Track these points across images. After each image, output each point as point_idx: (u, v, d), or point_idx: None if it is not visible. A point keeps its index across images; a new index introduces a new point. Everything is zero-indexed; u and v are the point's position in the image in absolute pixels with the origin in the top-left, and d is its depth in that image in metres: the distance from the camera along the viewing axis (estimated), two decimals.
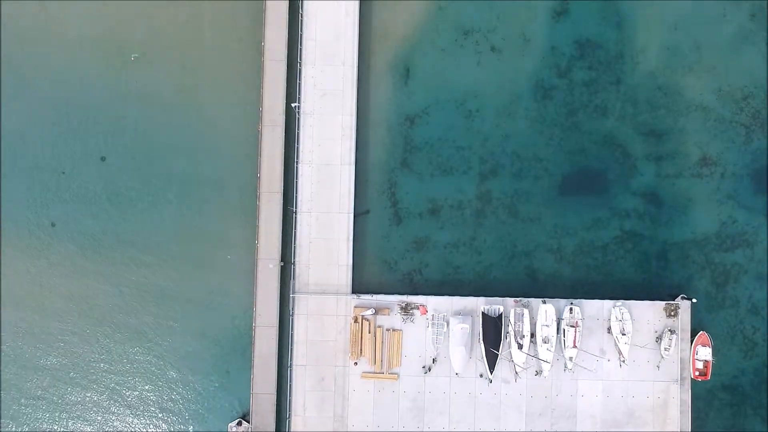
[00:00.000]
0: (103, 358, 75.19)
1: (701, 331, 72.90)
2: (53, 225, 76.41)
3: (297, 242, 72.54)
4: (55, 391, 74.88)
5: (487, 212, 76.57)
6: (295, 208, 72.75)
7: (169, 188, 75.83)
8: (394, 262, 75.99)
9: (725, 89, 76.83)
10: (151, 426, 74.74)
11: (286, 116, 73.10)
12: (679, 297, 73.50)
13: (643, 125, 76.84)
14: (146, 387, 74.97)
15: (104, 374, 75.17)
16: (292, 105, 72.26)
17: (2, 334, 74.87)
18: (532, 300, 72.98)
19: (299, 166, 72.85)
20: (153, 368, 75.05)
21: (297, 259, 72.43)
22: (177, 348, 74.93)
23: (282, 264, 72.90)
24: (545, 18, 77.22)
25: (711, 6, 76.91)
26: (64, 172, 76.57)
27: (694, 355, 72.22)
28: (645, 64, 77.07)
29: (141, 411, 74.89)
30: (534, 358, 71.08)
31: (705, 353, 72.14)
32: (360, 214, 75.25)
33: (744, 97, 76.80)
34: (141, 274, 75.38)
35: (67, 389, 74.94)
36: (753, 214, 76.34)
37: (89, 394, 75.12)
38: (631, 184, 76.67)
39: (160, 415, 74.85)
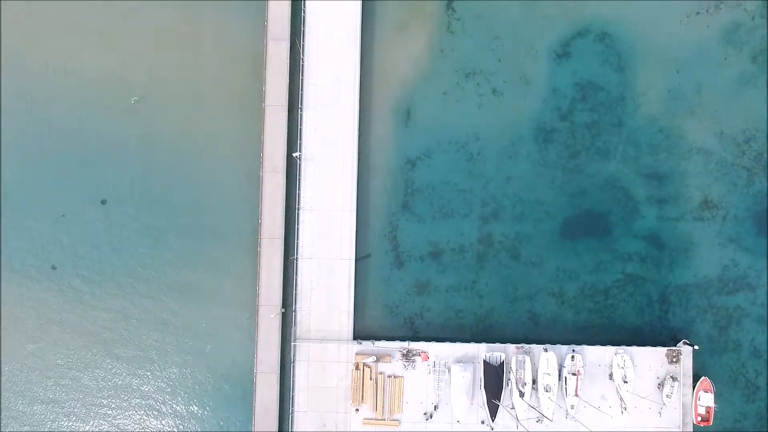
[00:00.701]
0: (104, 402, 75.05)
1: (703, 377, 72.74)
2: (54, 268, 76.22)
3: (298, 288, 72.36)
4: (56, 424, 74.59)
5: (489, 255, 76.39)
6: (296, 254, 72.56)
7: (170, 232, 75.63)
8: (395, 305, 75.82)
9: (727, 132, 76.69)
10: None
11: (287, 162, 72.87)
12: (681, 342, 73.33)
13: (645, 168, 76.68)
14: None
15: (105, 410, 75.03)
16: (294, 155, 72.07)
17: (6, 368, 74.64)
18: (534, 346, 72.80)
19: (300, 212, 72.68)
20: (152, 414, 74.83)
21: (298, 305, 72.28)
22: (177, 394, 74.73)
23: (283, 310, 72.71)
24: (547, 60, 77.07)
25: (712, 49, 76.76)
26: (64, 215, 76.39)
27: (696, 401, 72.05)
28: (647, 106, 76.93)
29: None
30: (535, 410, 71.02)
31: (707, 399, 71.98)
32: (361, 259, 75.06)
33: (746, 140, 76.66)
34: (140, 319, 75.23)
35: (67, 422, 74.66)
36: (755, 257, 76.18)
37: (88, 428, 75.00)
38: (633, 226, 76.50)
39: None
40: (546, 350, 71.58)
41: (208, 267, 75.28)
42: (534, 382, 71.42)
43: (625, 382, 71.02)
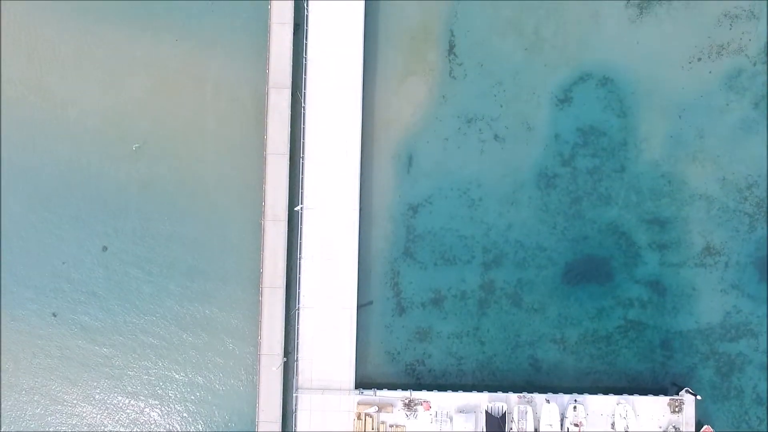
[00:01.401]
0: None
1: (705, 426, 72.56)
2: (54, 315, 76.03)
3: (300, 338, 72.13)
4: None
5: (491, 302, 76.23)
6: (298, 303, 72.39)
7: (171, 279, 75.47)
8: (397, 352, 75.64)
9: (729, 178, 76.56)
10: None
11: (289, 210, 72.69)
12: (684, 390, 73.16)
13: (647, 213, 76.55)
14: None
15: None
16: (296, 209, 71.90)
17: (5, 417, 74.47)
18: (536, 396, 72.60)
19: (302, 261, 72.47)
20: None
21: (300, 354, 72.07)
22: None
23: (285, 359, 72.52)
24: (549, 106, 76.94)
25: (714, 95, 76.65)
26: (64, 262, 76.19)
27: None
28: (649, 152, 76.80)
29: None
30: None
31: None
32: (363, 306, 74.89)
33: (747, 186, 76.54)
34: (140, 370, 75.11)
35: None
36: (757, 304, 76.04)
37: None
38: (635, 272, 76.35)
39: None
40: (548, 401, 71.36)
41: (209, 316, 75.09)
42: None
43: None
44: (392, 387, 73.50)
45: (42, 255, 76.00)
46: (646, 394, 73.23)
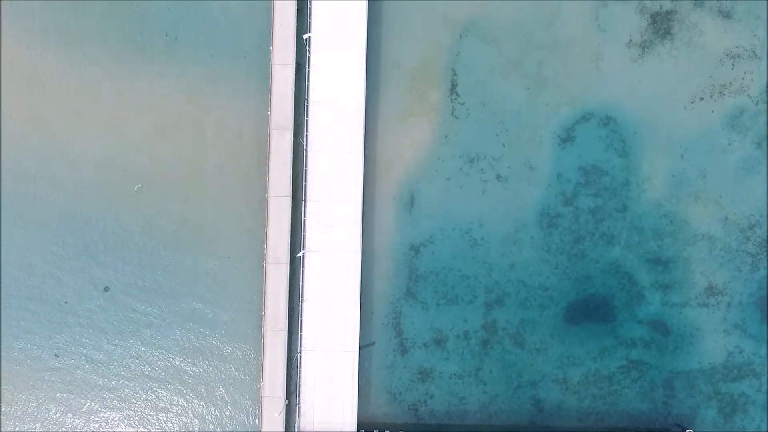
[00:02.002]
0: None
1: None
2: (57, 356, 75.89)
3: (302, 380, 72.02)
4: None
5: (493, 342, 76.15)
6: (300, 346, 72.26)
7: (173, 320, 75.35)
8: (399, 392, 75.56)
9: (731, 218, 76.51)
10: None
11: (290, 253, 72.61)
12: (686, 431, 73.16)
13: (650, 253, 76.49)
14: None
15: None
16: (298, 255, 71.81)
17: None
18: None
19: (304, 303, 72.36)
20: None
21: (302, 397, 71.95)
22: None
23: (287, 402, 72.41)
24: (551, 145, 76.88)
25: (716, 134, 76.65)
26: (66, 302, 76.07)
27: None
28: (651, 191, 76.74)
29: None
30: None
31: None
32: (365, 347, 74.82)
33: (750, 225, 76.49)
34: (141, 411, 74.92)
35: None
36: (759, 344, 76.01)
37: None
38: (638, 312, 76.28)
39: None
40: None
41: (210, 357, 75.01)
42: None
43: None
44: (394, 428, 73.52)
45: (43, 294, 75.79)
46: None
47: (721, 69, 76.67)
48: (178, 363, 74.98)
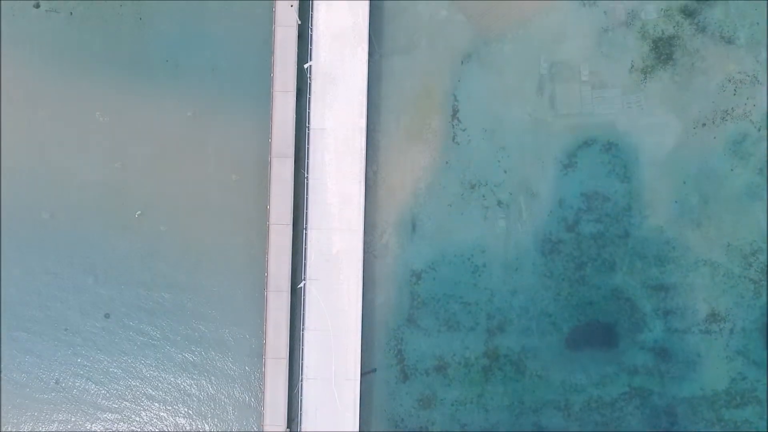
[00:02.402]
0: None
1: None
2: (57, 382, 75.78)
3: (303, 409, 71.87)
4: None
5: (494, 369, 75.91)
6: (301, 374, 72.11)
7: (174, 348, 75.21)
8: (401, 419, 75.35)
9: (734, 244, 76.20)
10: None
11: (292, 281, 72.45)
12: None
13: (652, 279, 76.21)
14: None
15: None
16: (299, 286, 71.68)
17: None
18: None
19: (305, 332, 72.18)
20: None
21: (303, 426, 71.77)
22: None
23: (288, 431, 72.28)
24: (553, 171, 76.64)
25: (718, 160, 76.36)
26: (66, 329, 75.95)
27: None
28: (653, 217, 76.45)
29: None
30: None
31: None
32: (366, 373, 74.62)
33: (752, 252, 76.18)
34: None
35: None
36: (762, 371, 75.68)
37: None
38: (640, 338, 76.01)
39: None
40: None
41: (211, 381, 74.89)
42: None
43: None
44: None
45: (43, 322, 75.73)
46: None
47: (723, 95, 76.42)
48: (173, 393, 74.92)
